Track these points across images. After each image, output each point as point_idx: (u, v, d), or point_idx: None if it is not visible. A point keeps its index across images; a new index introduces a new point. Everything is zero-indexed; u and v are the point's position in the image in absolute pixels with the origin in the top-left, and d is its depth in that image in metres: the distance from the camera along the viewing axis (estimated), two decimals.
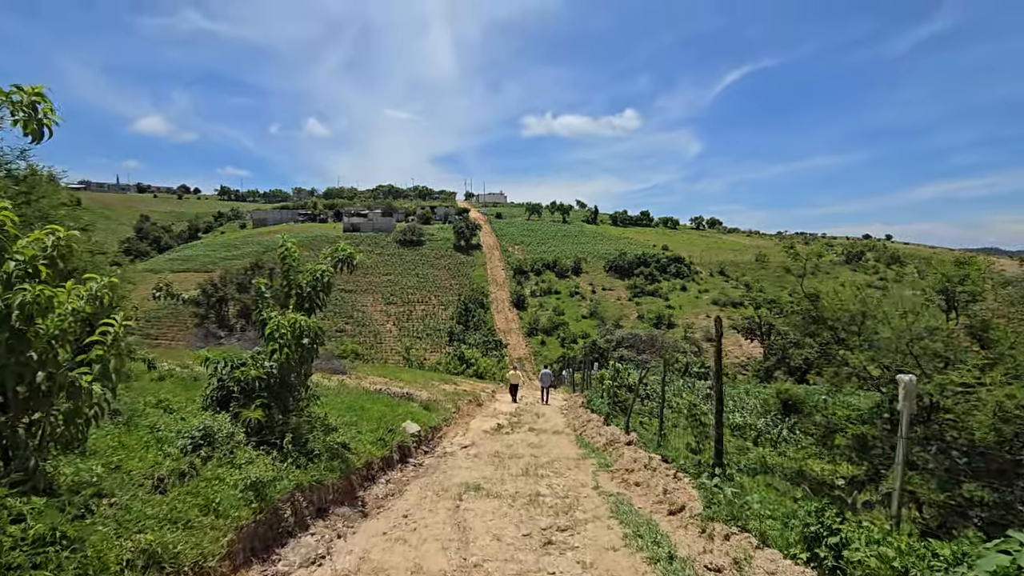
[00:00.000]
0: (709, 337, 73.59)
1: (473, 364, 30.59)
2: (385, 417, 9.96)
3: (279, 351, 6.18)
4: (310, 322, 6.55)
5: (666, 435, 10.47)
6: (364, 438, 8.21)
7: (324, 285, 6.90)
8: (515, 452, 10.26)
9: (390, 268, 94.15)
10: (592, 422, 12.91)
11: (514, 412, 17.94)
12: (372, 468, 7.67)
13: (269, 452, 5.64)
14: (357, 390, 13.10)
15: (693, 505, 5.24)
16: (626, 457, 8.27)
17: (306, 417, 6.85)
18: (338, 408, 9.89)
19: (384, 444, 8.40)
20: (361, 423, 8.89)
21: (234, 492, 4.54)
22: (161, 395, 7.12)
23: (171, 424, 5.63)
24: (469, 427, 14.07)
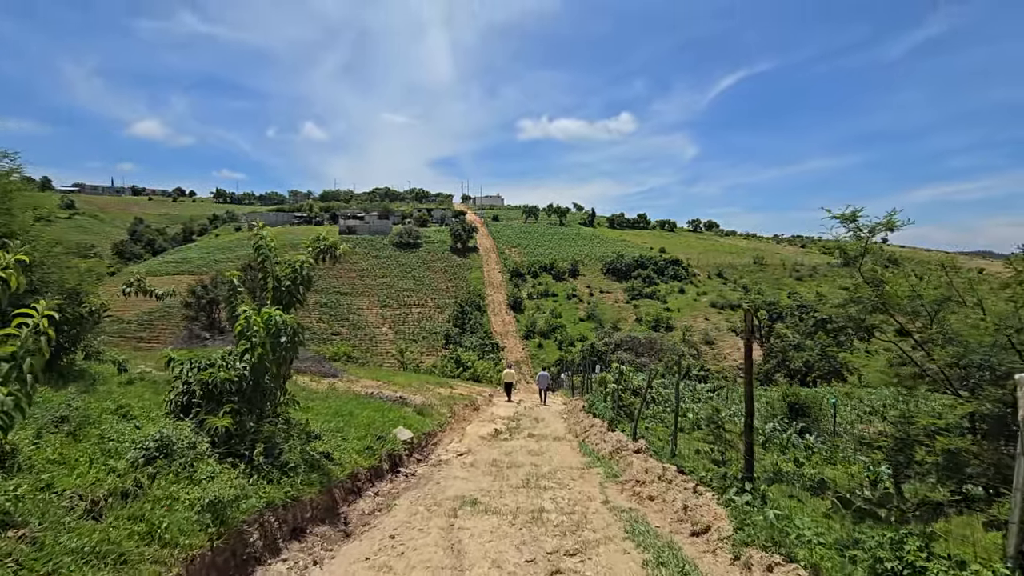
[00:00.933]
0: (708, 339, 73.08)
1: (470, 367, 29.90)
2: (375, 423, 9.27)
3: (251, 351, 5.50)
4: (288, 318, 5.88)
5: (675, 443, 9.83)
6: (350, 446, 7.53)
7: (304, 278, 6.23)
8: (514, 460, 9.58)
9: (386, 271, 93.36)
10: (595, 427, 12.24)
11: (512, 417, 17.26)
12: (358, 480, 6.98)
13: (237, 465, 4.96)
14: (347, 394, 12.41)
15: (721, 525, 4.58)
16: (635, 467, 7.60)
17: (283, 424, 6.16)
18: (324, 413, 9.21)
19: (372, 453, 7.72)
20: (348, 430, 8.21)
21: (188, 514, 3.86)
22: (124, 400, 6.43)
23: (126, 433, 4.94)
24: (465, 433, 13.40)
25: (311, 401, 10.21)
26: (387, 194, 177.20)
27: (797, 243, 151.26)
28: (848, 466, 14.37)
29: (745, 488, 4.82)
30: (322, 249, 6.47)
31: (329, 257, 6.53)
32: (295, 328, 6.02)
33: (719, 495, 5.15)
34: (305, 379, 13.71)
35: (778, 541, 3.79)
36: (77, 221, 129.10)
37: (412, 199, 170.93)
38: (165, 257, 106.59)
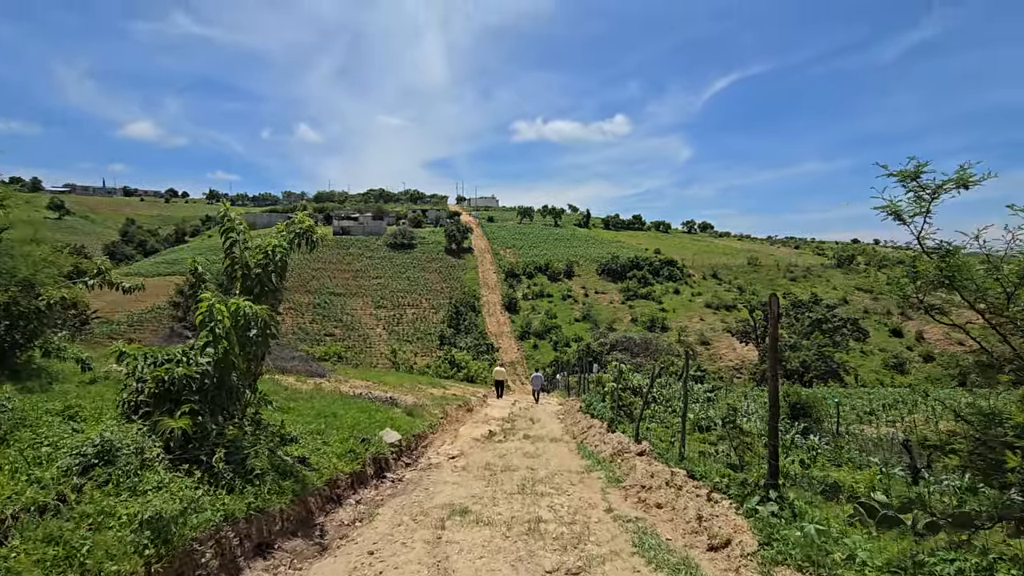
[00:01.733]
0: (703, 340, 72.73)
1: (464, 368, 29.28)
2: (360, 425, 8.67)
3: (214, 344, 4.90)
4: (258, 309, 5.29)
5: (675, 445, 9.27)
6: (331, 450, 6.93)
7: (277, 265, 5.64)
8: (509, 463, 9.00)
9: (380, 271, 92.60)
10: (593, 428, 11.68)
11: (507, 418, 16.68)
12: (338, 487, 6.38)
13: (193, 473, 4.36)
14: (334, 394, 11.79)
15: (743, 539, 4.03)
16: (640, 470, 7.04)
17: (251, 426, 5.56)
18: (305, 415, 8.60)
19: (355, 457, 7.12)
20: (330, 432, 7.61)
21: (122, 533, 3.26)
22: (77, 400, 5.81)
23: (65, 438, 4.33)
24: (458, 434, 12.81)
25: (293, 401, 9.60)
26: (381, 195, 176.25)
27: (791, 244, 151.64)
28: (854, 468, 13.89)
29: (769, 496, 4.26)
30: (297, 233, 5.87)
31: (305, 242, 5.94)
32: (266, 320, 5.43)
33: (738, 504, 4.60)
34: (290, 379, 13.08)
35: (817, 561, 3.25)
36: (67, 222, 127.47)
37: (407, 200, 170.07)
38: (157, 258, 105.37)
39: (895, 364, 69.67)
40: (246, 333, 5.33)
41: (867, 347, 72.85)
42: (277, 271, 5.66)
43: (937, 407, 27.47)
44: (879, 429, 25.58)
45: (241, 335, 5.27)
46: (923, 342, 77.28)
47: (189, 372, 4.87)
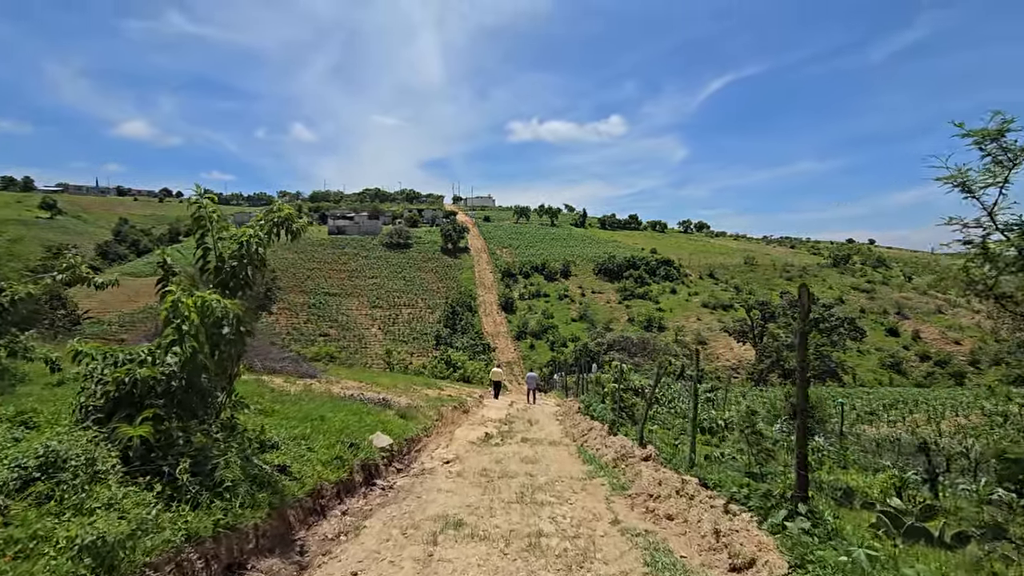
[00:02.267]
0: (700, 340, 72.46)
1: (460, 368, 28.82)
2: (349, 428, 8.19)
3: (180, 343, 4.43)
4: (231, 304, 4.81)
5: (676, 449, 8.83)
6: (316, 457, 6.45)
7: (253, 256, 5.16)
8: (507, 469, 8.54)
9: (376, 271, 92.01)
10: (594, 431, 11.24)
11: (504, 419, 16.23)
12: (322, 497, 5.91)
13: (153, 486, 3.89)
14: (323, 396, 11.30)
15: (770, 559, 3.59)
16: (646, 477, 6.60)
17: (224, 432, 5.08)
18: (291, 418, 8.12)
19: (342, 464, 6.64)
20: (315, 437, 7.13)
21: (57, 562, 2.79)
22: (37, 404, 5.32)
23: (7, 447, 3.85)
24: (453, 437, 12.35)
25: (279, 404, 9.12)
26: (377, 195, 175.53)
27: (787, 244, 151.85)
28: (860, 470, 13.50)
29: (798, 511, 3.83)
30: (276, 222, 5.39)
31: (286, 232, 5.46)
32: (239, 316, 4.95)
33: (760, 517, 4.16)
34: (279, 380, 12.58)
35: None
36: (59, 222, 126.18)
37: (403, 200, 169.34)
38: (150, 258, 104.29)
39: (892, 363, 69.63)
40: (218, 331, 4.85)
41: (864, 346, 72.79)
42: (253, 263, 5.19)
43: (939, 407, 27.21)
44: (880, 429, 25.27)
45: (212, 333, 4.79)
46: (920, 341, 77.34)
47: (153, 373, 4.40)
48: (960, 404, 27.98)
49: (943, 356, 70.61)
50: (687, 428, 14.51)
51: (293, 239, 5.51)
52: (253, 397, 8.88)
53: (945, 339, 77.97)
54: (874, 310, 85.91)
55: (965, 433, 22.80)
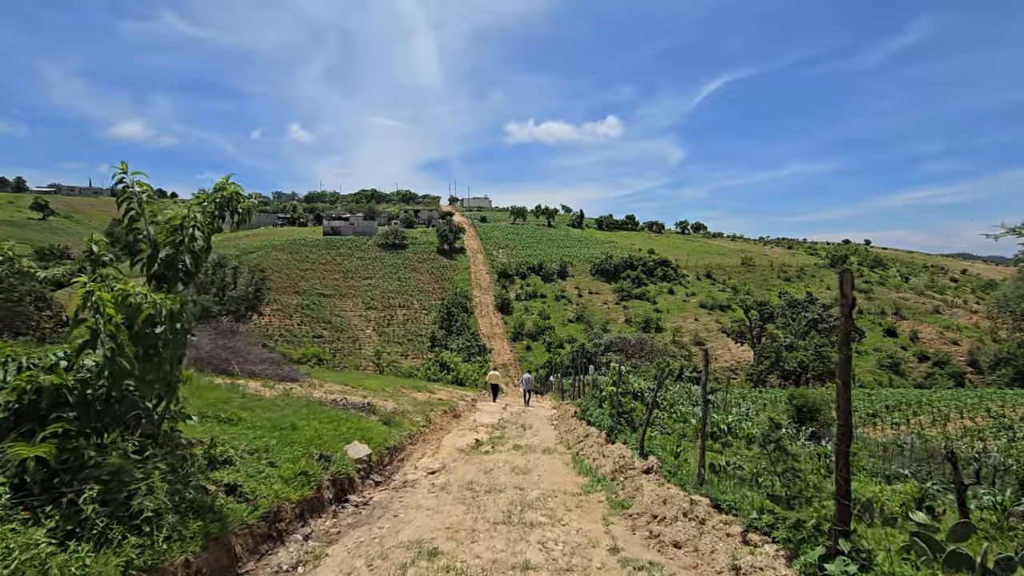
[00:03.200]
0: (698, 340, 71.85)
1: (453, 370, 28.07)
2: (321, 438, 7.46)
3: (92, 343, 3.70)
4: (163, 299, 4.08)
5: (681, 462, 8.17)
6: (277, 472, 5.73)
7: (190, 244, 4.42)
8: (495, 481, 7.82)
9: (371, 272, 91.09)
10: (591, 437, 10.54)
11: (497, 424, 15.50)
12: (281, 519, 5.18)
13: (46, 520, 3.16)
14: (302, 400, 10.56)
15: None
16: (648, 494, 5.89)
17: (156, 450, 4.34)
18: (258, 427, 7.39)
19: (307, 480, 5.92)
20: (281, 449, 6.40)
21: None
22: None
23: None
24: (441, 444, 11.62)
25: (247, 411, 8.37)
26: (373, 196, 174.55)
27: (784, 245, 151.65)
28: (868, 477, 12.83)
29: (839, 548, 3.13)
30: (219, 202, 4.66)
31: (231, 214, 4.73)
32: (173, 312, 4.22)
33: (789, 553, 3.47)
34: (255, 384, 11.84)
35: None
36: (51, 223, 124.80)
37: (399, 200, 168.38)
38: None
39: (890, 364, 69.16)
40: (150, 329, 4.12)
41: (861, 347, 72.30)
42: (193, 251, 4.45)
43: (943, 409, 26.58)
44: (884, 433, 24.61)
45: (142, 332, 4.06)
46: (917, 342, 76.93)
47: (61, 381, 3.67)
48: (965, 406, 27.38)
49: (941, 357, 70.18)
50: (688, 433, 13.81)
51: (240, 222, 4.78)
52: (218, 405, 8.15)
53: (943, 339, 77.60)
54: (871, 310, 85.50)
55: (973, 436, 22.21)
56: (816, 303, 61.73)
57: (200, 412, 7.46)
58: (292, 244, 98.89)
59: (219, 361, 12.62)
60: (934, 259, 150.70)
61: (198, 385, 9.32)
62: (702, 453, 5.69)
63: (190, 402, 8.12)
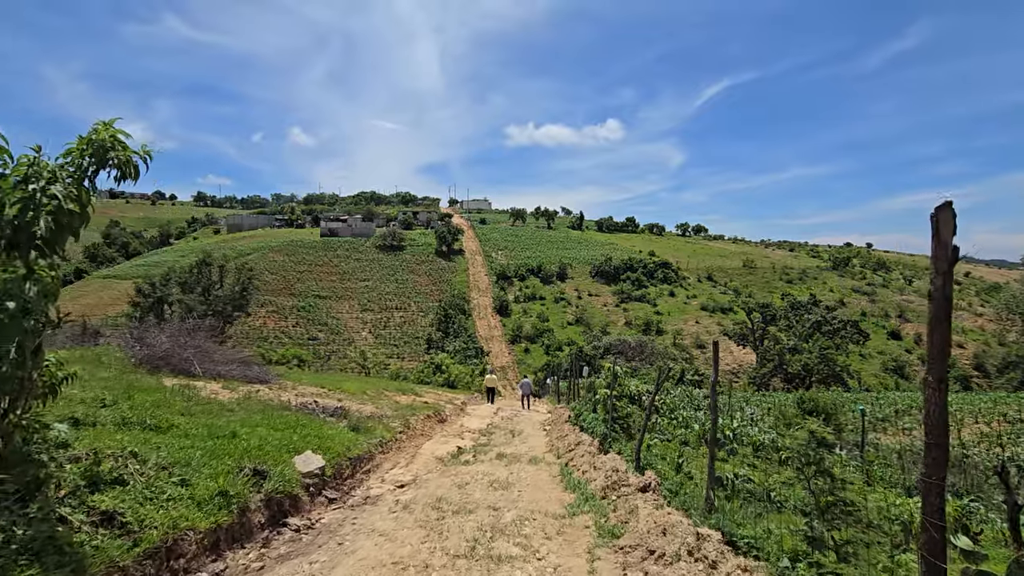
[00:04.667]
0: (699, 343, 70.72)
1: (445, 371, 26.98)
2: (264, 448, 6.40)
3: None
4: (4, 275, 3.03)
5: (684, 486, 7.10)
6: (192, 492, 4.68)
7: (47, 203, 3.37)
8: (468, 499, 6.76)
9: (368, 274, 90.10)
10: (582, 446, 9.46)
11: (484, 430, 14.43)
12: (180, 556, 4.11)
13: None
14: (260, 405, 9.49)
15: None
16: (644, 519, 4.83)
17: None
18: (191, 436, 6.34)
19: (227, 502, 4.85)
20: (203, 463, 5.34)
21: None
22: None
23: None
24: (418, 453, 10.56)
25: (186, 416, 7.32)
26: (373, 198, 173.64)
27: (786, 247, 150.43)
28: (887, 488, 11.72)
29: None
30: (92, 154, 3.61)
31: (108, 168, 3.67)
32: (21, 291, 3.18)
33: None
34: (215, 386, 10.77)
35: None
36: None
37: (398, 203, 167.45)
38: (139, 260, 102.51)
39: (895, 367, 67.99)
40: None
41: (865, 350, 71.10)
42: (48, 217, 3.40)
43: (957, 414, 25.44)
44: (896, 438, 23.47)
45: None
46: (922, 345, 75.65)
47: None
48: (978, 410, 26.24)
49: None
50: (690, 440, 12.70)
51: (121, 178, 3.73)
52: (152, 409, 7.09)
53: None
54: (875, 313, 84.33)
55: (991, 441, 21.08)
56: (820, 305, 60.63)
57: (123, 418, 6.41)
58: (289, 245, 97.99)
59: (179, 361, 11.57)
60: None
61: (138, 387, 8.26)
62: (711, 471, 4.61)
63: (120, 406, 7.09)
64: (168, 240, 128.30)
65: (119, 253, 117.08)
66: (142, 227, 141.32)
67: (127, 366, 10.11)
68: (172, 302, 31.03)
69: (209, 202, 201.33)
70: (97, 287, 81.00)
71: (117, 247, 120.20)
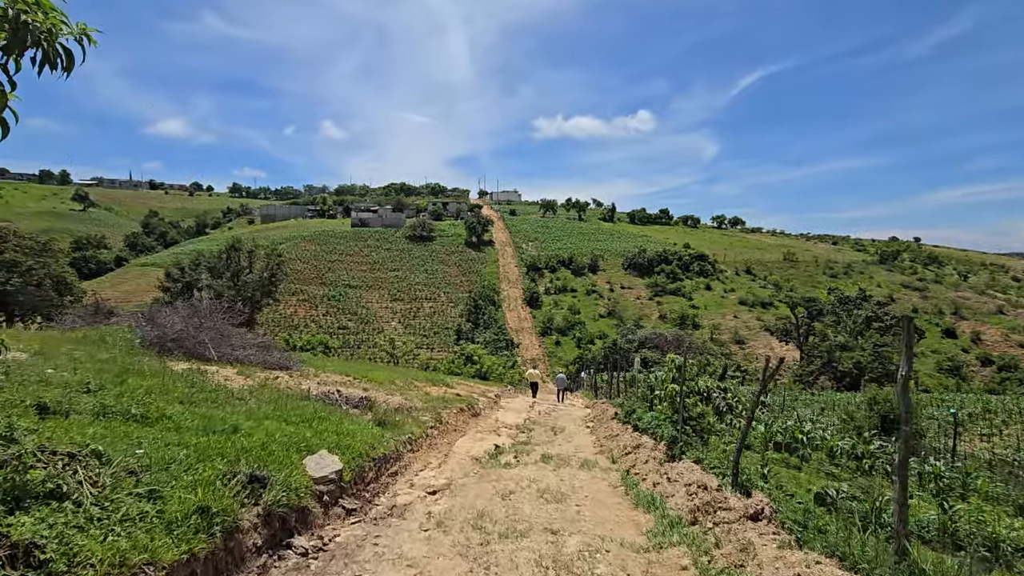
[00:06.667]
0: (738, 339, 67.99)
1: (477, 362, 25.82)
2: (267, 446, 5.23)
3: None
4: None
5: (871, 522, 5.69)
6: (163, 507, 3.50)
7: None
8: (516, 515, 5.47)
9: (398, 264, 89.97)
10: (643, 450, 8.05)
11: (522, 425, 13.16)
12: None
13: None
14: (275, 393, 8.40)
15: None
16: (769, 564, 3.44)
17: None
18: (183, 430, 5.23)
19: (204, 522, 3.65)
20: (186, 466, 4.18)
21: None
22: None
23: None
24: (452, 451, 9.35)
25: (183, 405, 6.23)
26: (403, 189, 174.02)
27: (828, 240, 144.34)
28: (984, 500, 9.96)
29: None
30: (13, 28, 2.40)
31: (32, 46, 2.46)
32: None
33: None
34: (230, 372, 9.77)
35: None
36: (91, 214, 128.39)
37: (428, 194, 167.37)
38: (176, 249, 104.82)
39: (950, 367, 63.96)
40: None
41: (917, 348, 67.10)
42: None
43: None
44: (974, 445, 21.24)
45: None
46: (980, 344, 71.17)
47: None
48: None
49: (1008, 360, 64.49)
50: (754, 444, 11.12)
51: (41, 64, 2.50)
52: (143, 396, 6.02)
53: (1009, 342, 71.54)
54: (928, 310, 79.70)
55: None
56: (870, 300, 57.24)
57: (104, 406, 5.34)
58: (320, 235, 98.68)
59: (194, 344, 10.63)
60: (991, 257, 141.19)
61: (135, 371, 7.24)
62: (901, 507, 3.12)
63: (107, 392, 6.04)
64: (204, 230, 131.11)
65: (157, 242, 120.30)
66: (180, 217, 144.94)
67: (132, 348, 9.17)
68: (201, 287, 30.72)
69: (244, 193, 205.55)
70: (136, 274, 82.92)
71: (155, 236, 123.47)
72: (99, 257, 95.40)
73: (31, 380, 5.77)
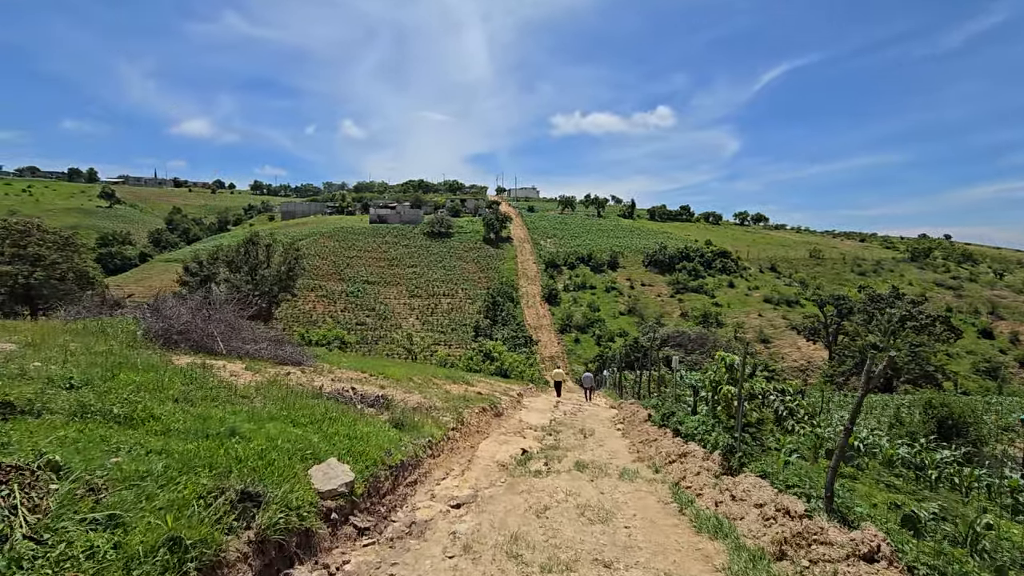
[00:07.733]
0: (763, 338, 66.14)
1: (497, 359, 25.01)
2: (266, 454, 4.48)
3: None
4: None
5: None
6: (126, 539, 2.74)
7: None
8: (556, 539, 4.63)
9: (416, 260, 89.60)
10: (692, 459, 7.14)
11: (548, 427, 12.32)
12: None
13: None
14: (284, 391, 7.67)
15: None
16: None
17: None
18: (167, 434, 4.51)
19: (177, 558, 2.88)
20: (163, 480, 3.43)
21: None
22: None
23: None
24: (475, 455, 8.56)
25: (177, 404, 5.51)
26: (421, 185, 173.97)
27: (855, 237, 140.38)
28: None
29: None
30: None
31: None
32: None
33: None
34: (237, 367, 9.08)
35: None
36: (117, 211, 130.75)
37: (446, 190, 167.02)
38: (198, 245, 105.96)
39: (987, 369, 61.29)
40: None
41: (952, 349, 64.51)
42: None
43: None
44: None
45: None
46: (1019, 345, 68.13)
47: None
48: None
49: None
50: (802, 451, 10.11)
51: None
52: (134, 393, 5.32)
53: None
54: (963, 309, 76.65)
55: None
56: (903, 298, 55.04)
57: (84, 404, 4.63)
58: (339, 232, 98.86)
59: (201, 337, 10.00)
60: None
61: (129, 364, 6.55)
62: None
63: (91, 388, 5.35)
64: (226, 226, 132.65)
65: (181, 238, 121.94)
66: (202, 214, 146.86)
67: (134, 340, 8.54)
68: (219, 281, 30.44)
69: (265, 190, 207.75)
70: (159, 270, 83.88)
71: (179, 232, 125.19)
72: (124, 253, 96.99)
73: (5, 374, 5.11)
